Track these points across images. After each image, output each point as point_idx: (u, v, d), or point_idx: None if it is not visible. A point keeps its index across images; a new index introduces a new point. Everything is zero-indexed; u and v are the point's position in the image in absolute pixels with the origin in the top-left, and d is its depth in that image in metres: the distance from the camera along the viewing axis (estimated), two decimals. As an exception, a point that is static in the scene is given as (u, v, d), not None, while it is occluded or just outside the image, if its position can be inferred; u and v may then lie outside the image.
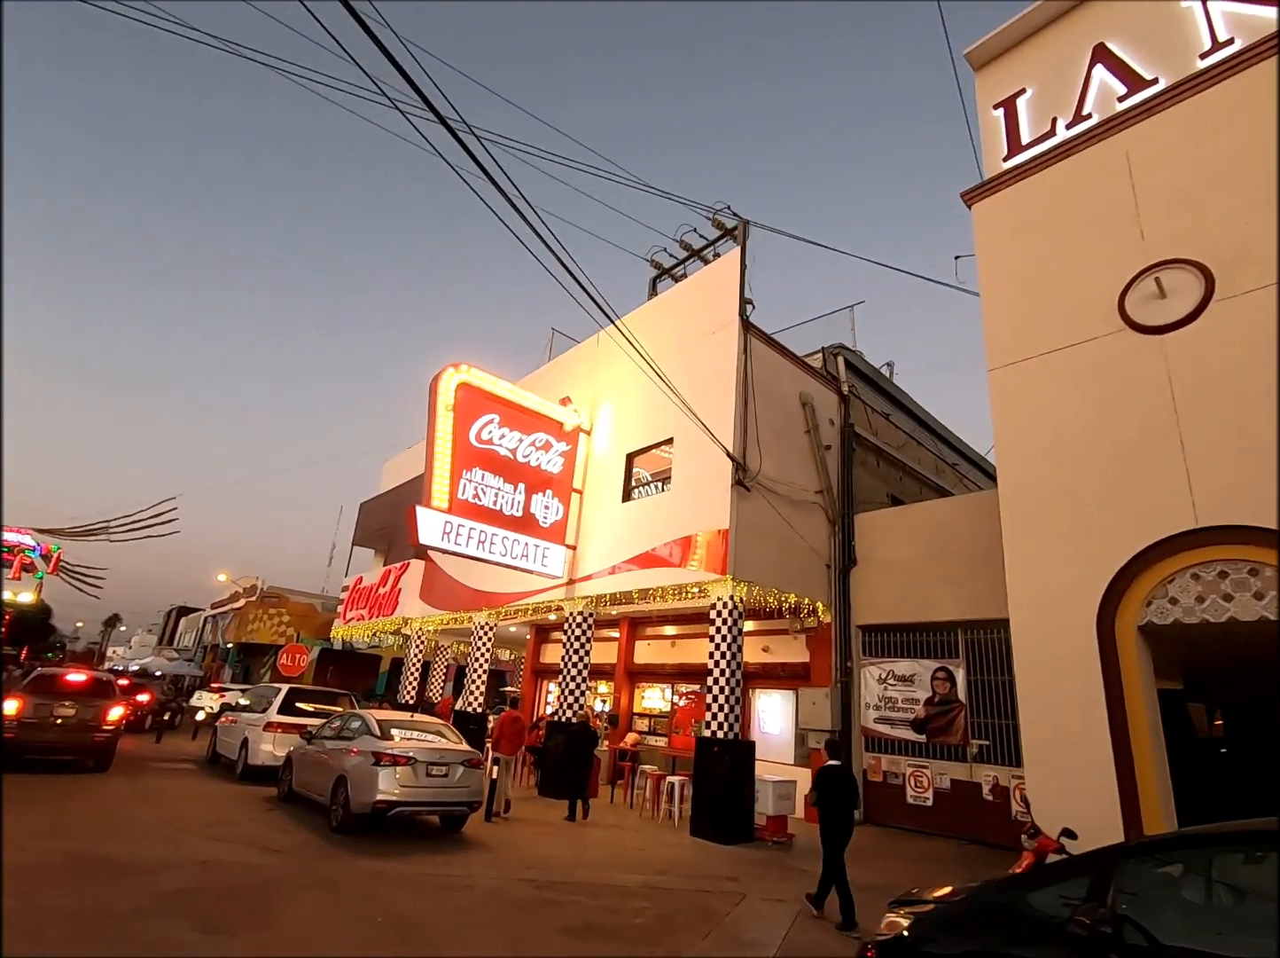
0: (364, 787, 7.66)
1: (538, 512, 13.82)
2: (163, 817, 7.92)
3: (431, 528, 12.01)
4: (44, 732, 11.24)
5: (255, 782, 11.19)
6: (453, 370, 12.82)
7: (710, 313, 13.00)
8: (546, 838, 8.83)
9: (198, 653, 49.10)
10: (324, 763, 8.77)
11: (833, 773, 6.58)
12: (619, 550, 13.23)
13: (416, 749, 7.99)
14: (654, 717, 16.30)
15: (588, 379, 15.69)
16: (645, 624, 16.69)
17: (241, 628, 38.87)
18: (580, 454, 14.88)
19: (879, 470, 15.21)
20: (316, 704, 12.52)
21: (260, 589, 40.71)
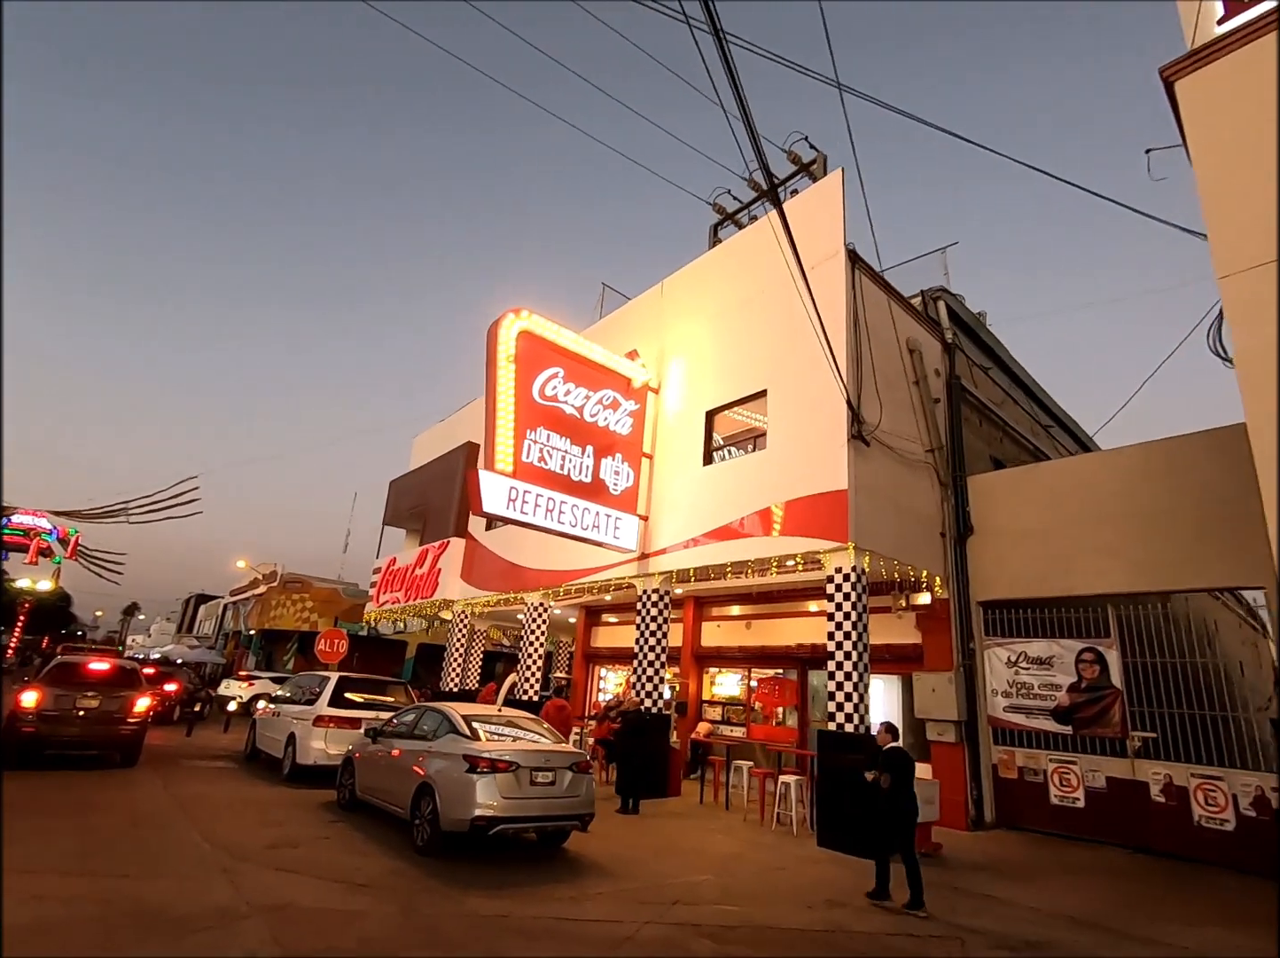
0: (457, 799, 6.21)
1: (607, 477, 12.30)
2: (210, 835, 6.53)
3: (496, 494, 10.52)
4: (66, 725, 10.15)
5: (306, 783, 9.83)
6: (513, 316, 11.25)
7: (806, 247, 11.32)
8: (660, 851, 7.40)
9: (219, 640, 48.24)
10: (398, 767, 7.34)
11: (898, 755, 6.37)
12: (701, 520, 11.71)
13: (517, 752, 6.53)
14: (726, 704, 14.87)
15: (652, 334, 14.10)
16: (713, 604, 15.23)
17: (264, 614, 37.81)
18: (649, 415, 13.32)
19: (980, 430, 13.57)
20: (367, 694, 11.12)
21: (280, 575, 39.65)
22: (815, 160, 14.37)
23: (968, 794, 10.19)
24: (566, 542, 13.01)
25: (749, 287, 12.30)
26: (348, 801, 8.32)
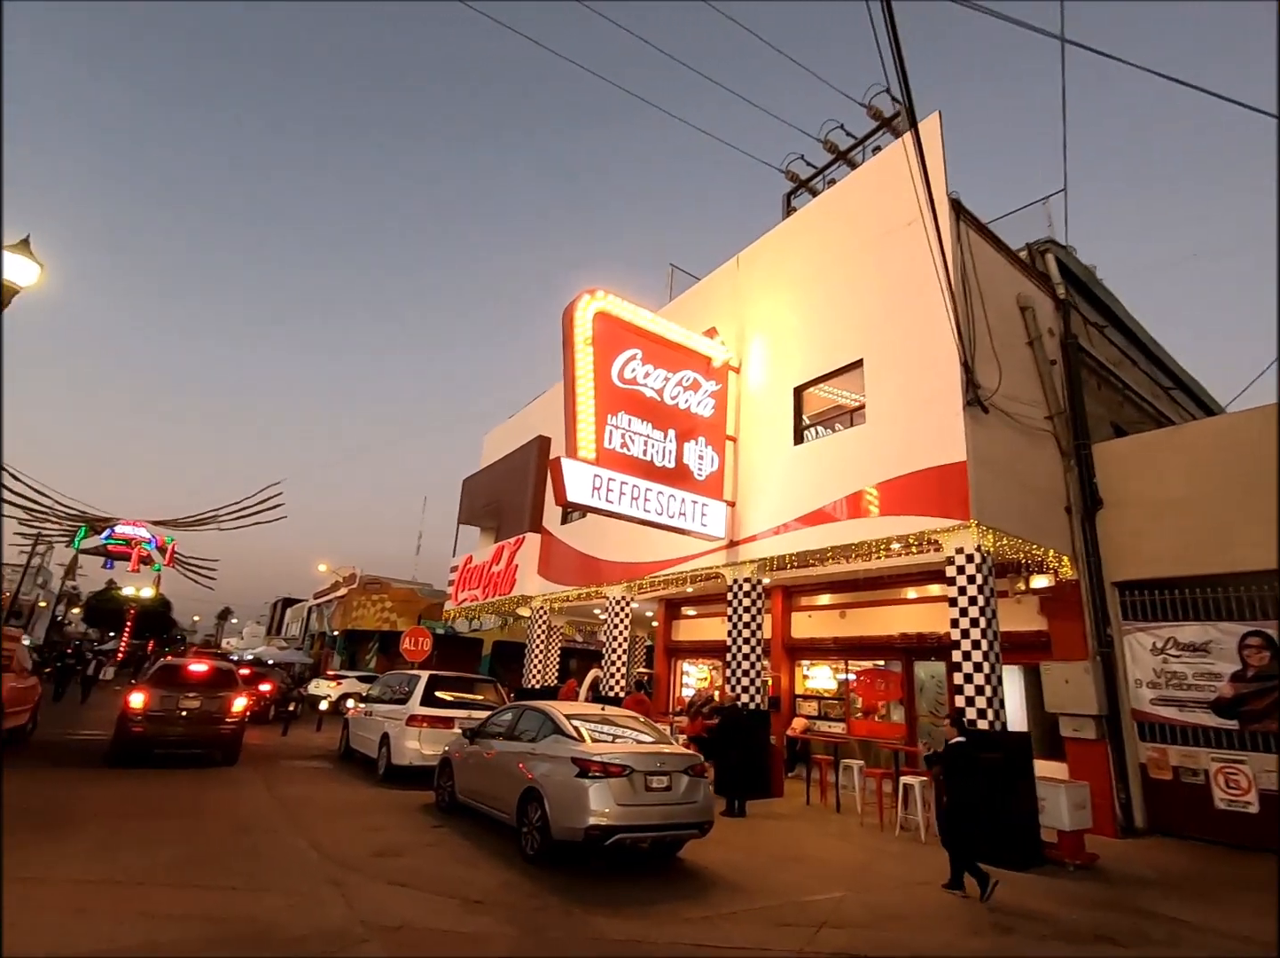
0: (569, 806, 5.75)
1: (691, 462, 11.69)
2: (316, 841, 6.29)
3: (580, 483, 10.06)
4: (171, 725, 10.39)
5: (401, 783, 9.65)
6: (588, 297, 10.76)
7: (901, 201, 10.41)
8: (779, 860, 6.78)
9: (306, 642, 50.19)
10: (500, 770, 6.96)
11: (964, 750, 6.34)
12: (793, 504, 10.98)
13: (628, 755, 6.02)
14: (822, 698, 14.07)
15: (729, 310, 13.40)
16: (802, 594, 14.45)
17: (346, 615, 38.98)
18: (731, 395, 12.64)
19: (1099, 394, 12.29)
20: (457, 693, 10.89)
21: (359, 577, 40.82)
22: (898, 114, 13.37)
23: (1114, 797, 9.14)
24: (648, 532, 12.51)
25: (834, 252, 11.46)
26: (447, 803, 8.02)
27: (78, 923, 3.97)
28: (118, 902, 4.36)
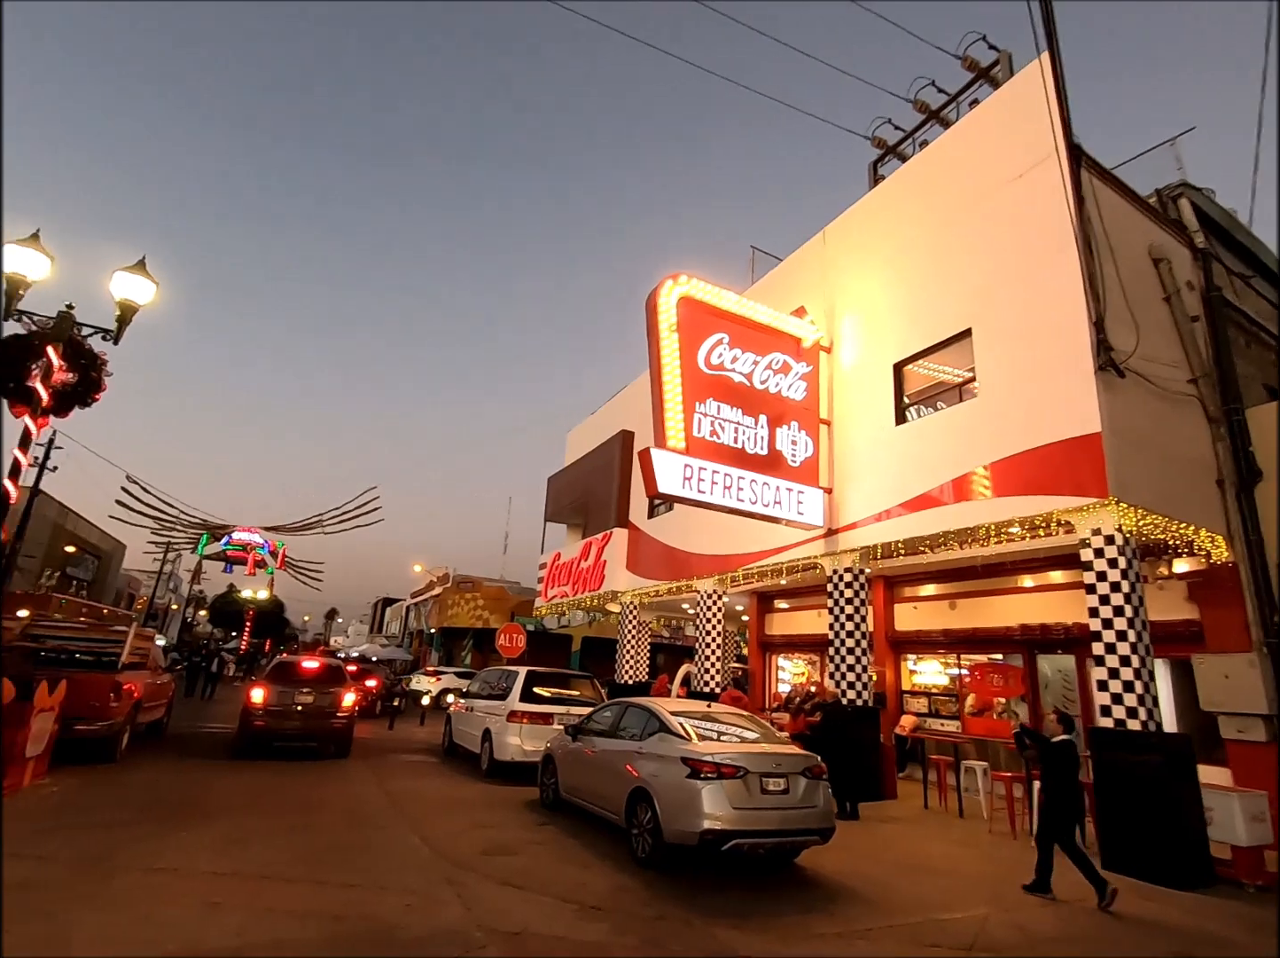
0: (682, 808, 5.47)
1: (784, 448, 11.19)
2: (428, 837, 6.29)
3: (671, 474, 9.77)
4: (288, 719, 10.85)
5: (505, 779, 9.69)
6: (671, 283, 10.44)
7: (1007, 154, 9.54)
8: (905, 869, 6.26)
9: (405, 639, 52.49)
10: (605, 768, 6.77)
11: (1067, 750, 5.94)
12: (895, 488, 10.30)
13: (742, 754, 5.68)
14: (932, 695, 13.21)
15: (817, 287, 12.76)
16: (906, 584, 13.61)
17: (442, 613, 40.41)
18: (823, 377, 12.03)
19: (1248, 353, 10.90)
20: (554, 689, 10.85)
21: (452, 577, 42.22)
22: (997, 62, 12.32)
23: (1292, 807, 8.02)
24: (739, 524, 12.10)
25: (931, 216, 10.67)
26: (551, 800, 7.93)
27: (210, 917, 4.03)
28: (246, 896, 4.42)
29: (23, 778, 7.11)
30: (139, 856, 5.12)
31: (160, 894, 4.36)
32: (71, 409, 7.46)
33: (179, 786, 8.01)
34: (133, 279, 7.60)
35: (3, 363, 7.16)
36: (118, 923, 3.85)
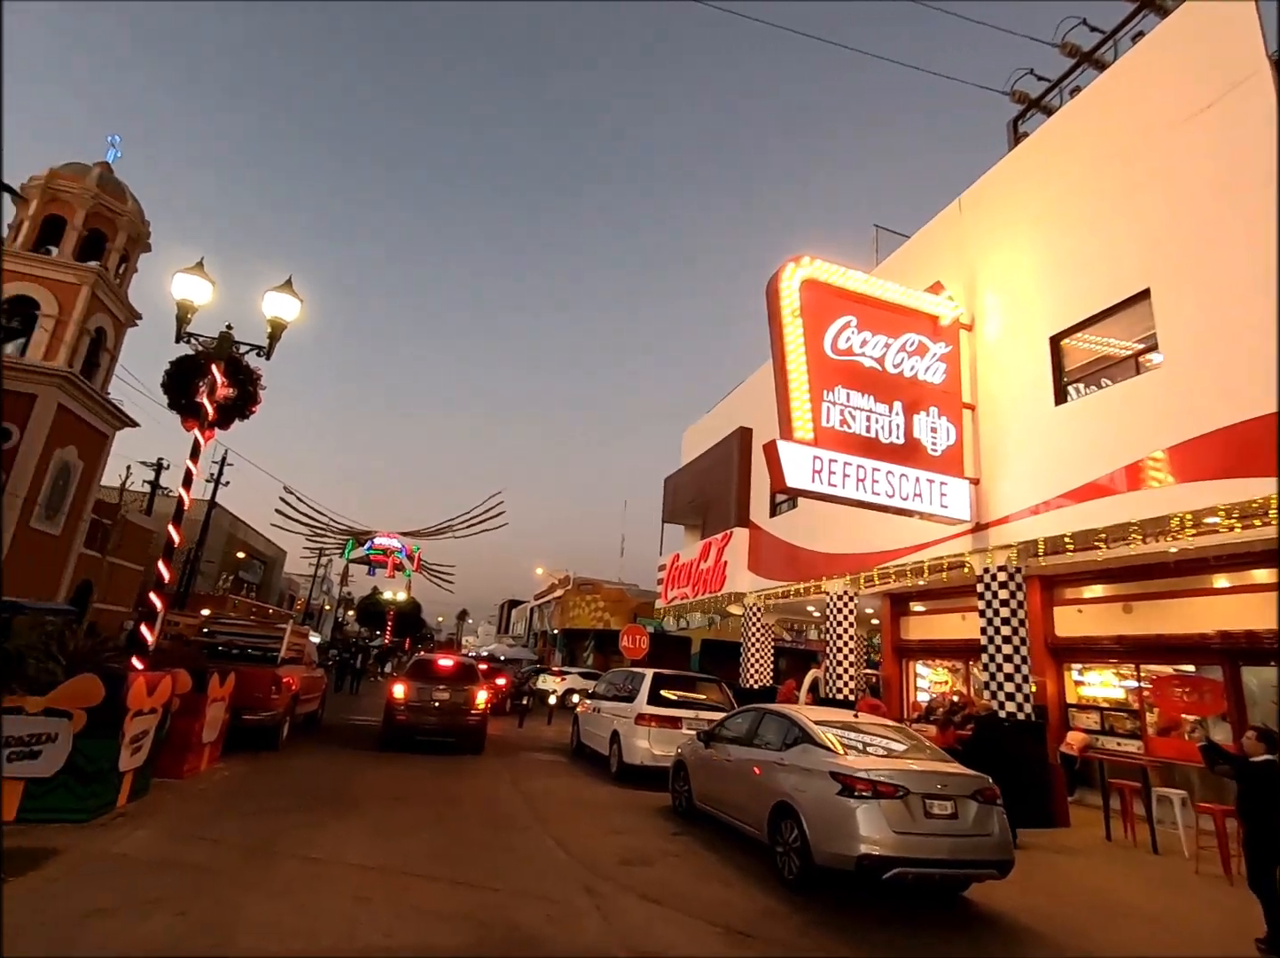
0: (833, 829, 4.98)
1: (923, 436, 10.30)
2: (563, 841, 6.18)
3: (798, 467, 9.21)
4: (427, 714, 11.22)
5: (634, 782, 9.51)
6: (793, 265, 9.89)
7: (1190, 83, 8.24)
8: (1096, 910, 5.40)
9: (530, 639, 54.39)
10: (742, 778, 6.38)
11: (1270, 773, 5.09)
12: (1057, 476, 9.19)
13: (900, 772, 5.10)
14: (1104, 710, 11.71)
15: (954, 260, 11.72)
16: (1068, 584, 12.17)
17: (564, 615, 41.45)
18: (964, 357, 10.99)
19: None
20: (681, 692, 10.56)
21: (573, 579, 43.22)
22: (1166, -15, 10.81)
23: None
24: (873, 520, 11.30)
25: (1089, 168, 9.46)
26: (685, 808, 7.63)
27: (361, 913, 4.05)
28: (394, 892, 4.43)
29: (200, 762, 7.74)
30: (297, 843, 5.33)
31: (315, 884, 4.46)
32: (232, 422, 8.09)
33: (332, 775, 8.45)
34: (281, 298, 8.13)
35: (175, 382, 7.86)
36: (278, 912, 3.94)
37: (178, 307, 7.75)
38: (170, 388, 7.89)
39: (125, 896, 3.95)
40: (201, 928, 3.63)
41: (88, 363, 26.30)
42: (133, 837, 5.10)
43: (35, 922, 3.50)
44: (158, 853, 4.81)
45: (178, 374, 7.90)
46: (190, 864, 4.60)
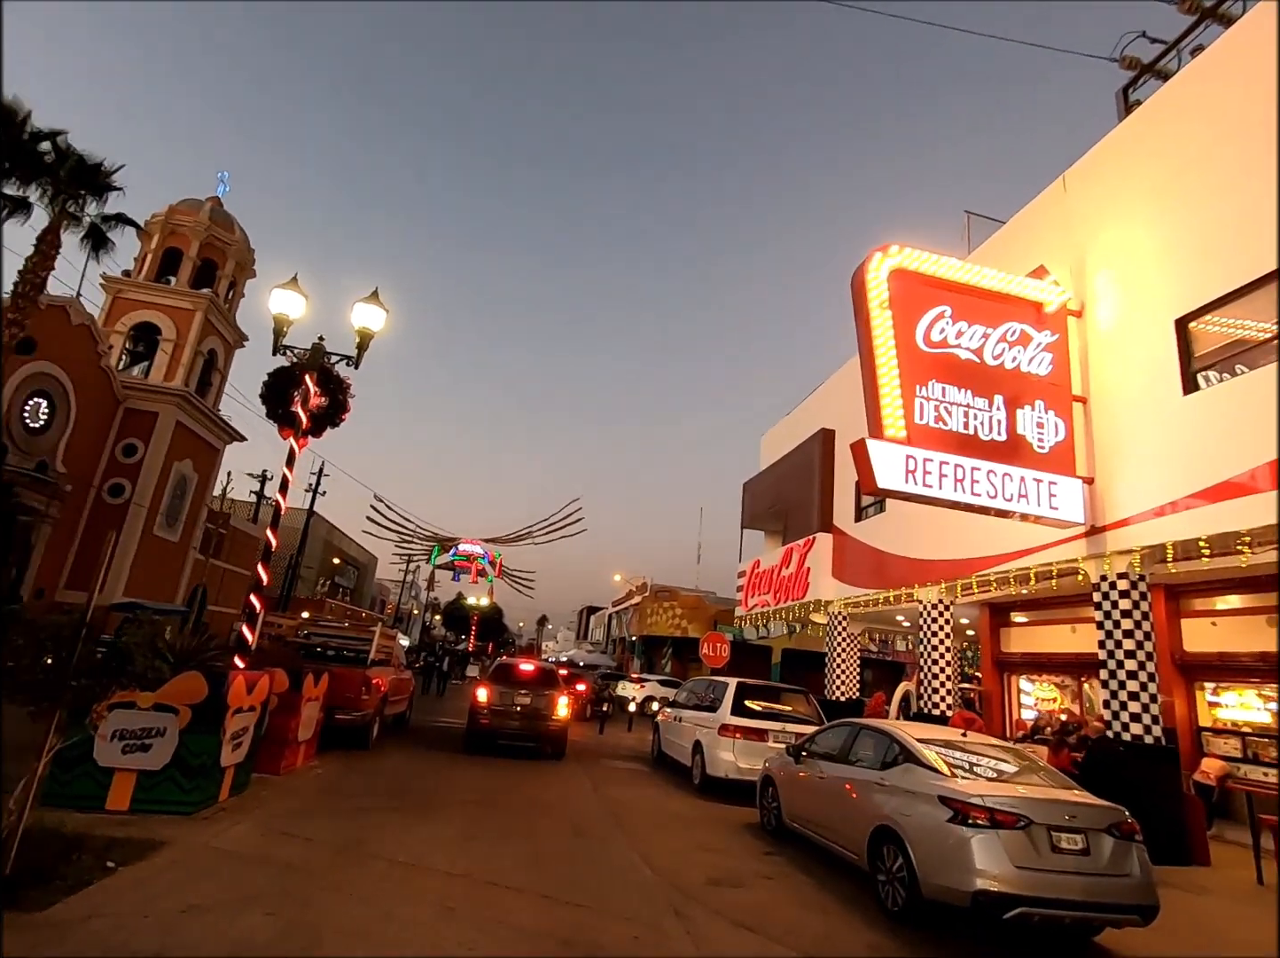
0: (944, 860, 4.54)
1: (1028, 432, 9.54)
2: (647, 854, 5.96)
3: (890, 467, 8.69)
4: (509, 719, 11.25)
5: (719, 796, 9.19)
6: (880, 255, 9.39)
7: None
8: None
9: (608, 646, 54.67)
10: (837, 798, 5.97)
11: None
12: (1190, 472, 8.30)
13: (1022, 800, 4.60)
14: (1246, 735, 10.47)
15: (1059, 242, 10.86)
16: (1197, 594, 11.02)
17: (642, 622, 41.36)
18: (1074, 345, 10.13)
19: None
20: (765, 703, 10.15)
21: (650, 586, 43.10)
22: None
23: None
24: (970, 523, 10.58)
25: (1220, 132, 8.54)
26: (774, 826, 7.25)
27: (445, 924, 3.96)
28: (478, 903, 4.33)
29: (296, 759, 8.00)
30: (385, 845, 5.34)
31: (402, 890, 4.42)
32: (324, 429, 8.39)
33: (420, 776, 8.57)
34: (368, 309, 8.37)
35: (273, 393, 8.21)
36: (364, 918, 3.90)
37: (275, 320, 8.10)
38: (268, 398, 8.26)
39: (221, 892, 4.02)
40: (290, 930, 3.62)
41: (201, 382, 28.43)
42: (231, 832, 5.25)
43: (140, 914, 3.58)
44: (253, 849, 4.91)
45: (275, 385, 8.25)
46: (282, 862, 4.66)
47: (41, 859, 4.10)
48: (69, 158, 14.30)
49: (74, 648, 4.30)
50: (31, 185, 14.12)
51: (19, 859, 3.97)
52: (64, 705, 4.20)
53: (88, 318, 23.77)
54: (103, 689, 4.34)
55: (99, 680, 4.31)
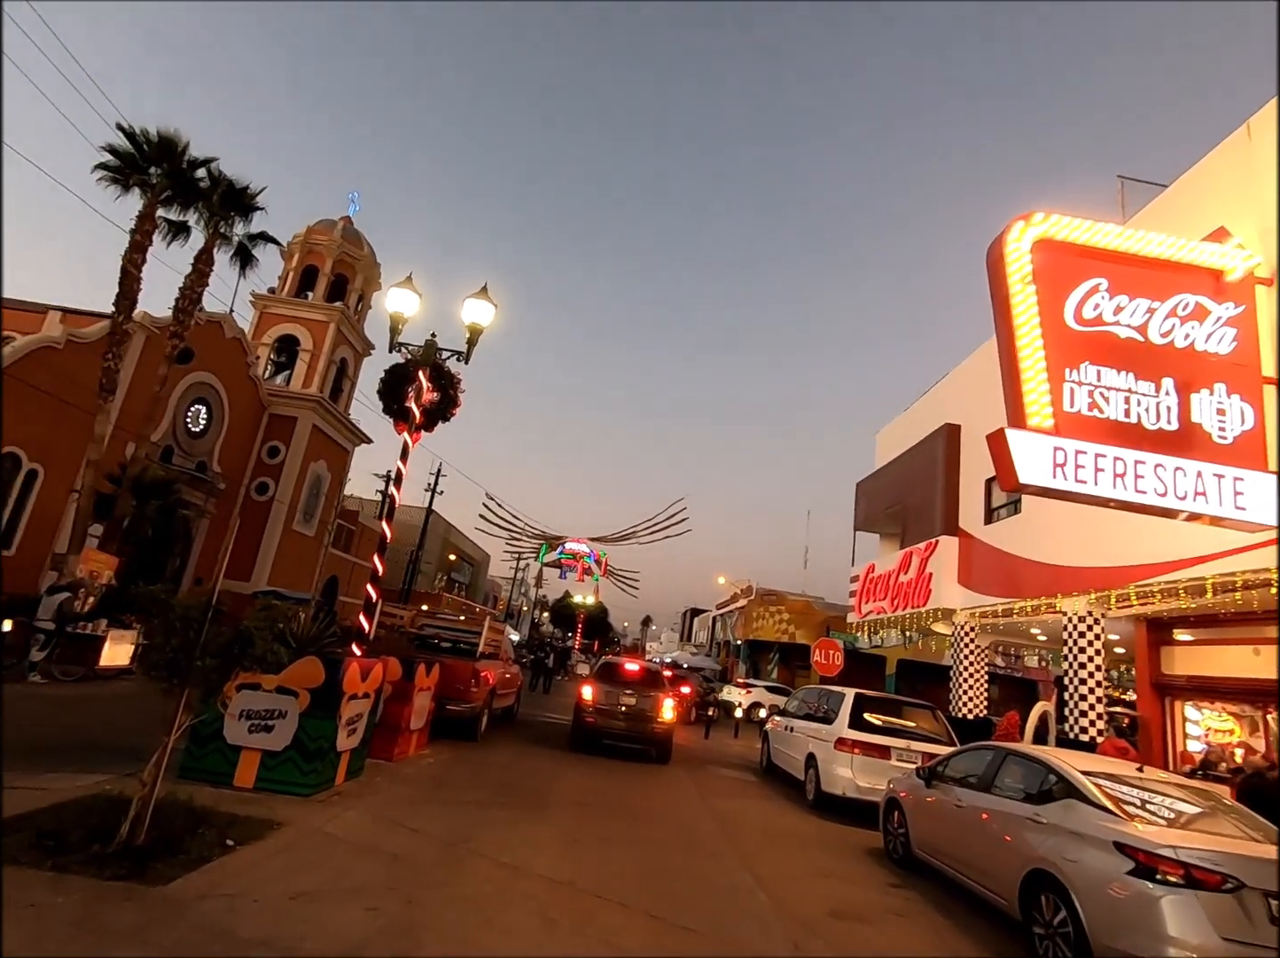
0: (1124, 919, 3.80)
1: (1206, 420, 8.20)
2: (762, 878, 5.51)
3: (1034, 461, 7.71)
4: (614, 719, 11.09)
5: (835, 814, 8.54)
6: (1022, 224, 8.39)
7: None
8: None
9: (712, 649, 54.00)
10: (979, 831, 5.26)
11: None
12: None
13: (1223, 855, 3.78)
14: None
15: (1242, 201, 9.37)
16: None
17: (747, 625, 40.48)
18: (1262, 319, 8.66)
19: None
20: (887, 717, 9.36)
21: (755, 589, 42.10)
22: None
23: None
24: (1124, 526, 9.37)
25: None
26: (900, 854, 6.56)
27: (547, 937, 3.73)
28: (581, 917, 4.08)
29: (409, 747, 8.17)
30: (489, 843, 5.22)
31: (504, 894, 4.24)
32: (436, 424, 8.54)
33: (526, 771, 8.54)
34: (478, 304, 8.43)
35: (389, 388, 8.45)
36: (465, 923, 3.74)
37: (390, 318, 8.33)
38: (385, 394, 8.51)
39: (328, 881, 3.99)
40: (390, 929, 3.50)
41: (334, 389, 30.65)
42: (343, 817, 5.31)
43: (251, 897, 3.59)
44: (362, 837, 4.92)
45: (391, 381, 8.50)
46: (389, 854, 4.62)
47: (171, 832, 4.25)
48: (220, 183, 15.64)
49: (202, 630, 4.46)
50: (189, 210, 15.57)
51: (152, 830, 4.13)
52: (191, 684, 4.35)
53: (239, 332, 26.19)
54: (225, 670, 4.47)
55: (222, 661, 4.44)
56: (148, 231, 14.52)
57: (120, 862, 3.80)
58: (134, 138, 14.33)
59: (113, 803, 4.39)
